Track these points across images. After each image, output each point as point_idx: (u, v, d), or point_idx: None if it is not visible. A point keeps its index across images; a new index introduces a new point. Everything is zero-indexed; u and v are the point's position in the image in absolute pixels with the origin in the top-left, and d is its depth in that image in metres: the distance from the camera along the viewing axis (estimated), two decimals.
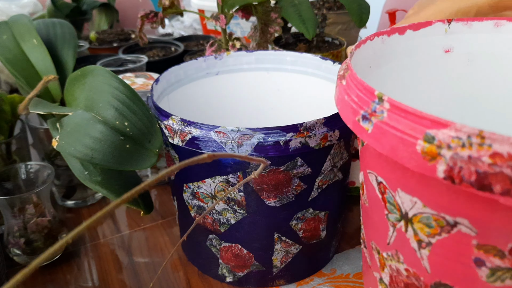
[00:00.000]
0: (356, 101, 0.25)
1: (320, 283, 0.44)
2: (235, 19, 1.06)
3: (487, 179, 0.19)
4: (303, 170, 0.37)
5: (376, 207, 0.29)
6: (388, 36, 0.34)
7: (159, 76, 0.47)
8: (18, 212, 0.44)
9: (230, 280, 0.44)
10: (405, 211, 0.26)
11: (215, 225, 0.41)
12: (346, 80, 0.27)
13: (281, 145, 0.35)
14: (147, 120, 0.37)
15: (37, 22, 0.57)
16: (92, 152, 0.35)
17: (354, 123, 0.25)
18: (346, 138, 0.39)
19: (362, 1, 0.68)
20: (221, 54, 0.52)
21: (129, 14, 1.23)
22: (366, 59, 0.33)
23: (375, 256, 0.32)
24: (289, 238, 0.41)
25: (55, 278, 0.46)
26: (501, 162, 0.19)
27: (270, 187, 0.37)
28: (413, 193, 0.25)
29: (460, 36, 0.36)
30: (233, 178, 0.37)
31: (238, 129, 0.35)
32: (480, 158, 0.19)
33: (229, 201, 0.39)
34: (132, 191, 0.17)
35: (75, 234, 0.16)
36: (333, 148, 0.38)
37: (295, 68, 0.52)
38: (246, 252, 0.42)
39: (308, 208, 0.40)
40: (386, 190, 0.27)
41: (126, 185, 0.41)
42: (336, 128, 0.36)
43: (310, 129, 0.35)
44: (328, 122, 0.36)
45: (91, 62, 0.80)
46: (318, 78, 0.51)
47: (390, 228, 0.28)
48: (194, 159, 0.20)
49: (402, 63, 0.36)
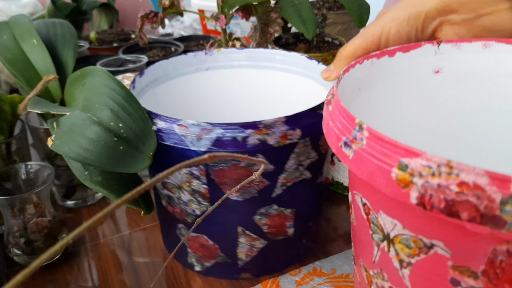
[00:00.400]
0: (339, 127, 0.26)
1: (320, 283, 0.44)
2: (235, 19, 1.06)
3: (454, 207, 0.20)
4: (265, 166, 0.38)
5: (362, 227, 0.30)
6: (378, 59, 0.35)
7: (145, 69, 0.47)
8: (18, 212, 0.44)
9: (199, 269, 0.46)
10: (387, 232, 0.27)
11: (183, 215, 0.42)
12: (332, 106, 0.29)
13: (239, 141, 0.35)
14: (142, 123, 0.37)
15: (38, 22, 0.57)
16: (85, 153, 0.35)
17: (337, 148, 0.26)
18: (312, 138, 0.39)
19: (362, 1, 0.68)
20: (212, 50, 0.53)
21: (129, 14, 1.22)
22: (356, 81, 0.34)
23: (363, 273, 0.32)
24: (253, 232, 0.42)
25: (55, 278, 0.46)
26: (467, 190, 0.20)
27: (232, 181, 0.38)
28: (393, 215, 0.26)
29: (449, 57, 0.36)
30: (196, 171, 0.38)
31: (198, 123, 0.36)
32: (449, 186, 0.20)
33: (194, 192, 0.40)
34: (133, 192, 0.17)
35: (75, 235, 0.16)
36: (297, 147, 0.39)
37: (284, 67, 0.53)
38: (212, 243, 0.43)
39: (271, 204, 0.41)
40: (370, 211, 0.28)
41: (127, 185, 0.41)
42: (297, 127, 0.37)
43: (270, 127, 0.36)
44: (289, 121, 0.37)
45: (91, 62, 0.80)
46: (304, 77, 0.52)
47: (375, 247, 0.29)
48: (195, 160, 0.20)
49: (392, 84, 0.37)
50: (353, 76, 0.33)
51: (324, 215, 0.55)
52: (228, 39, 0.63)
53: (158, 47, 0.93)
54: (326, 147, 0.43)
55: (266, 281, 0.44)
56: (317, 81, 0.50)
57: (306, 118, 0.37)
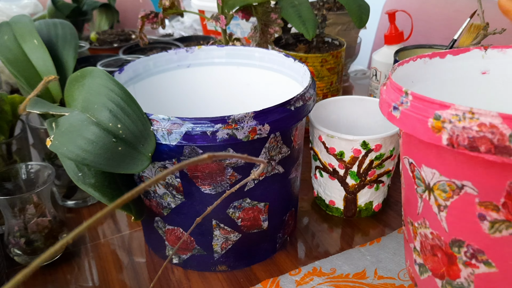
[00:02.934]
0: (391, 97, 0.33)
1: (320, 282, 0.44)
2: (235, 20, 1.06)
3: (475, 142, 0.27)
4: (235, 160, 0.39)
5: (409, 185, 0.37)
6: (430, 59, 0.40)
7: (124, 66, 0.48)
8: (18, 212, 0.44)
9: (176, 262, 0.47)
10: (428, 182, 0.33)
11: (159, 208, 0.43)
12: (386, 85, 0.35)
13: (209, 135, 0.36)
14: (141, 124, 0.38)
15: (39, 23, 0.57)
16: (84, 153, 0.36)
17: (388, 113, 0.33)
18: (283, 133, 0.41)
19: (362, 2, 0.68)
20: (192, 47, 0.54)
21: (130, 14, 1.23)
22: (408, 75, 0.39)
23: (409, 228, 0.38)
24: (227, 225, 0.43)
25: (55, 278, 0.46)
26: (485, 129, 0.26)
27: (204, 175, 0.39)
28: (432, 165, 0.32)
29: (495, 61, 0.41)
30: (169, 164, 0.39)
31: (168, 118, 0.37)
32: (471, 127, 0.27)
33: (168, 186, 0.41)
34: (129, 194, 0.17)
35: (75, 235, 0.16)
36: (268, 142, 0.40)
37: (263, 64, 0.54)
38: (187, 236, 0.44)
39: (245, 198, 0.42)
40: (415, 168, 0.35)
41: (120, 188, 0.41)
42: (266, 122, 0.38)
43: (239, 122, 0.37)
44: (257, 116, 0.38)
45: (92, 63, 0.80)
46: (282, 75, 0.52)
47: (419, 200, 0.35)
48: (195, 159, 0.20)
49: (443, 80, 0.41)
50: (407, 70, 0.39)
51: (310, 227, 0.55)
52: (228, 39, 0.64)
53: (159, 47, 0.93)
54: (299, 143, 0.44)
55: (266, 280, 0.44)
56: (293, 79, 0.51)
57: (275, 113, 0.38)
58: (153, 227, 0.46)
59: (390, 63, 0.71)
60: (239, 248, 0.45)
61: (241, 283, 0.45)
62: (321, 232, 0.52)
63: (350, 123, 0.58)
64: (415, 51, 0.68)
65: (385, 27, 1.07)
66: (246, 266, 0.47)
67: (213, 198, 0.41)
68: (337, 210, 0.54)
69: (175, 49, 0.53)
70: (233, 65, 0.55)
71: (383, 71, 0.72)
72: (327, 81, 0.68)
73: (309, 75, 0.46)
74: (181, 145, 0.37)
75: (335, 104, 0.57)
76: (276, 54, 0.52)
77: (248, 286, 0.44)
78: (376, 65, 0.73)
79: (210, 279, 0.45)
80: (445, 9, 0.99)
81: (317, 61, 0.66)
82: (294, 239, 0.51)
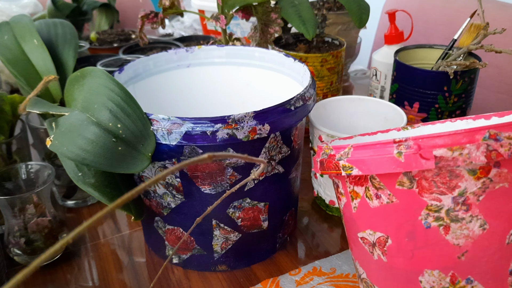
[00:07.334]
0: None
1: (320, 282, 0.44)
2: (235, 20, 1.06)
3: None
4: (235, 160, 0.39)
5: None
6: (474, 120, 0.42)
7: (124, 66, 0.48)
8: (18, 212, 0.44)
9: (176, 262, 0.47)
10: None
11: (159, 208, 0.43)
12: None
13: (208, 135, 0.36)
14: (141, 124, 0.38)
15: (39, 22, 0.57)
16: (84, 153, 0.36)
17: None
18: (283, 133, 0.41)
19: (362, 2, 0.68)
20: (192, 47, 0.54)
21: (130, 14, 1.23)
22: None
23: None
24: (227, 225, 0.43)
25: (55, 277, 0.46)
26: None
27: (204, 175, 0.40)
28: None
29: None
30: (169, 164, 0.39)
31: (168, 118, 0.37)
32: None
33: (168, 186, 0.41)
34: (129, 194, 0.17)
35: (75, 234, 0.16)
36: (268, 141, 0.40)
37: (263, 64, 0.54)
38: (187, 236, 0.44)
39: (245, 198, 0.42)
40: None
41: (120, 188, 0.41)
42: (266, 122, 0.38)
43: (239, 122, 0.37)
44: (257, 116, 0.38)
45: (92, 63, 0.80)
46: (282, 74, 0.52)
47: None
48: (195, 159, 0.20)
49: None
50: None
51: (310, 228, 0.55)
52: (228, 39, 0.64)
53: (159, 47, 0.93)
54: (299, 143, 0.44)
55: (266, 280, 0.44)
56: (293, 78, 0.51)
57: (275, 113, 0.38)
58: (153, 227, 0.46)
59: (390, 63, 0.71)
60: (239, 248, 0.45)
61: (241, 283, 0.45)
62: (321, 232, 0.52)
63: (350, 123, 0.58)
64: (415, 51, 0.68)
65: (385, 27, 1.07)
66: (246, 266, 0.46)
67: (213, 198, 0.41)
68: (337, 210, 0.54)
69: (175, 49, 0.53)
70: (233, 65, 0.55)
71: (383, 71, 0.72)
72: (327, 81, 0.68)
73: (309, 75, 0.46)
74: (181, 145, 0.37)
75: (335, 104, 0.57)
76: (276, 54, 0.52)
77: (248, 286, 0.44)
78: (376, 65, 0.73)
79: (210, 279, 0.45)
80: (445, 9, 0.99)
81: (317, 61, 0.66)
82: (294, 239, 0.51)
